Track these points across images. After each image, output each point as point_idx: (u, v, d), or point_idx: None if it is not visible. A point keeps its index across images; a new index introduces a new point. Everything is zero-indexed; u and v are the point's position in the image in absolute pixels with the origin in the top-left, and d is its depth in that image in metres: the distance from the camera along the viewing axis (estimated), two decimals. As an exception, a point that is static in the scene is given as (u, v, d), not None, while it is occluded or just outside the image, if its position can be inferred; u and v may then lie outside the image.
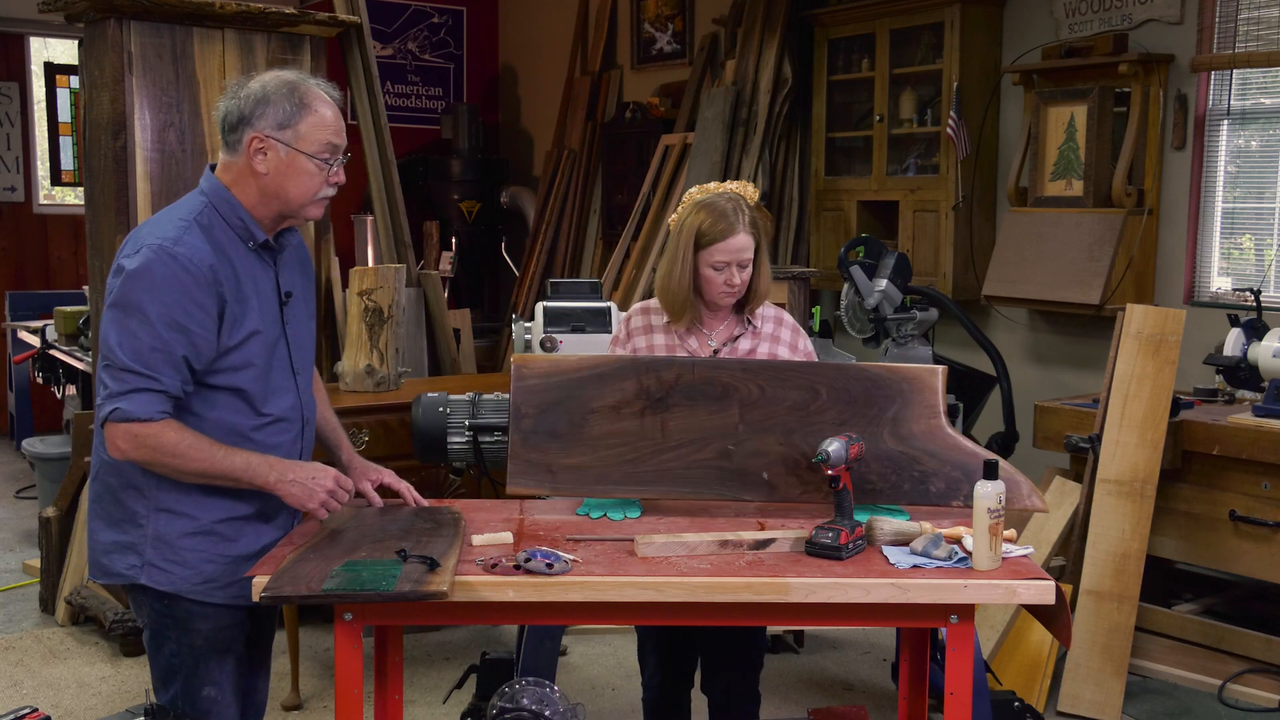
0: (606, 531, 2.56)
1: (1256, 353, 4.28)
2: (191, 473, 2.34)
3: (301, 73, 2.50)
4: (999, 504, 2.33)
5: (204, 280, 2.31)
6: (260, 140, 2.37)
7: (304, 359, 2.56)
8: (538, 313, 4.02)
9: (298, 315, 2.55)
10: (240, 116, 2.39)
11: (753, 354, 2.93)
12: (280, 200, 2.41)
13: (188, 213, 2.38)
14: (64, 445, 5.54)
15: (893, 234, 6.07)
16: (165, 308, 2.29)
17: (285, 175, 2.39)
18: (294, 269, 2.56)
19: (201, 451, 2.32)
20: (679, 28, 7.82)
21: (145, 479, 2.40)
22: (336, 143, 2.41)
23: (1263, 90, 5.02)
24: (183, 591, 2.42)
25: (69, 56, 8.16)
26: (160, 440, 2.30)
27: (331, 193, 2.46)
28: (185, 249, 2.31)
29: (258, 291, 2.43)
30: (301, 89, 2.40)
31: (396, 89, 8.99)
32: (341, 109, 2.50)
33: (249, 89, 2.41)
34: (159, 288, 2.29)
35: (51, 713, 3.75)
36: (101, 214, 4.34)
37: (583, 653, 4.41)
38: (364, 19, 5.15)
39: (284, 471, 2.39)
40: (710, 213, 2.83)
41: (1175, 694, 4.05)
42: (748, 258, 2.84)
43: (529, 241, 8.47)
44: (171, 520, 2.41)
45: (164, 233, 2.33)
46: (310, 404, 2.60)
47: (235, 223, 2.40)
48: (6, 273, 8.00)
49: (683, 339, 2.93)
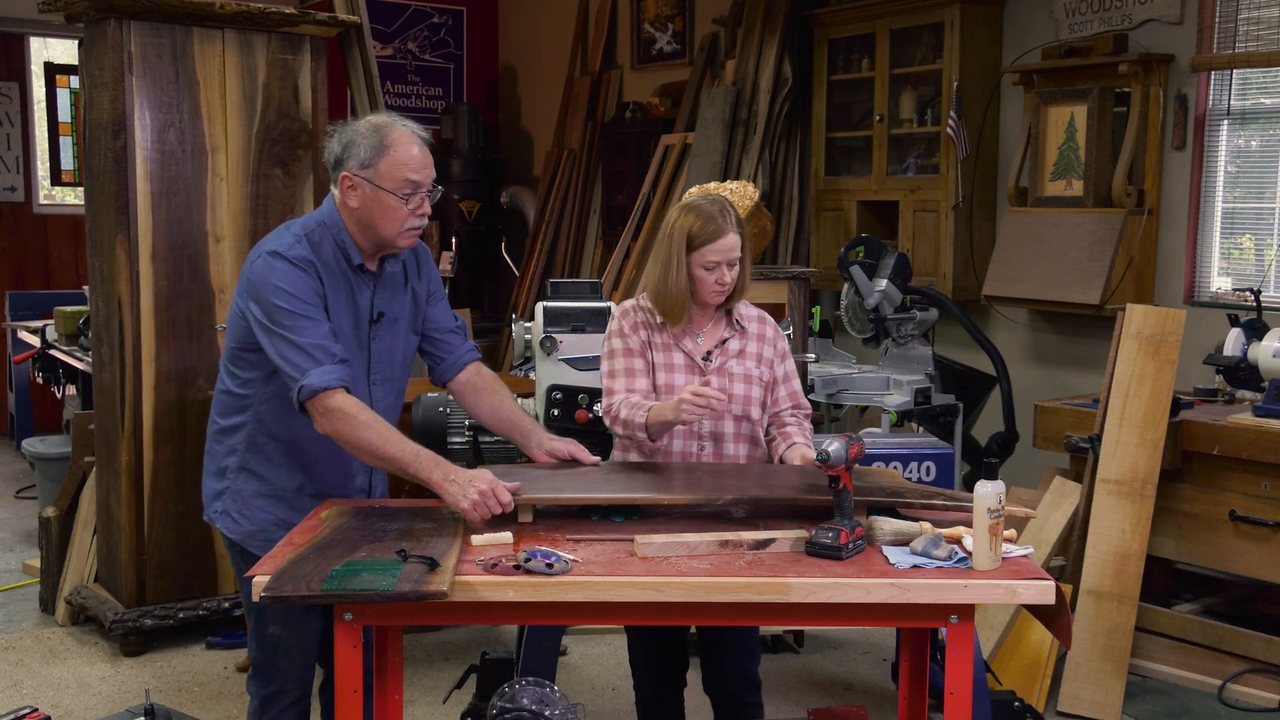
0: (606, 531, 2.56)
1: (1256, 353, 4.28)
2: (360, 444, 2.58)
3: (392, 115, 2.77)
4: (999, 504, 2.33)
5: (310, 271, 2.67)
6: (350, 179, 2.69)
7: (385, 372, 2.84)
8: (538, 313, 4.01)
9: (386, 334, 2.83)
10: (336, 158, 2.71)
11: (742, 354, 2.99)
12: (372, 231, 2.72)
13: (300, 229, 2.74)
14: (64, 445, 5.54)
15: (893, 234, 6.07)
16: (291, 293, 2.64)
17: (372, 209, 2.69)
18: (396, 292, 2.84)
19: (376, 430, 2.59)
20: (679, 28, 7.82)
21: (239, 442, 2.78)
22: (416, 179, 2.69)
23: (1263, 90, 5.02)
24: (245, 543, 2.78)
25: (69, 56, 8.16)
26: (344, 409, 2.58)
27: (418, 224, 2.73)
28: (292, 253, 2.67)
29: (347, 307, 2.74)
30: (384, 130, 2.68)
31: (396, 89, 8.99)
32: (429, 146, 2.78)
33: (342, 132, 2.72)
34: (280, 281, 2.64)
35: (51, 713, 3.75)
36: (101, 214, 4.34)
37: (583, 653, 4.41)
38: (364, 19, 5.15)
39: (448, 471, 2.57)
40: (698, 215, 2.91)
41: (1175, 694, 4.05)
42: (737, 256, 2.92)
43: (529, 241, 8.47)
44: (250, 480, 2.79)
45: (277, 242, 2.70)
46: (388, 415, 2.78)
47: (339, 244, 2.73)
48: (6, 273, 8.00)
49: (677, 340, 2.98)
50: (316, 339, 2.63)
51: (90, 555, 4.68)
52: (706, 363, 2.98)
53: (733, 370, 2.98)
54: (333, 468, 2.81)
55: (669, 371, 2.97)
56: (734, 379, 2.97)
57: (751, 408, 2.98)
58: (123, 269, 4.22)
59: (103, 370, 4.45)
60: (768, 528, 2.54)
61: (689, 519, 2.64)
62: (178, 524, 4.39)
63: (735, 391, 2.95)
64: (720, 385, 2.93)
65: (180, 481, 4.37)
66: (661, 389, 2.96)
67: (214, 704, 3.95)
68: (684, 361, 2.98)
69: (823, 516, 2.50)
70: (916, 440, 4.13)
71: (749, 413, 2.97)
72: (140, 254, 4.24)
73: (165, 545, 4.37)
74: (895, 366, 4.68)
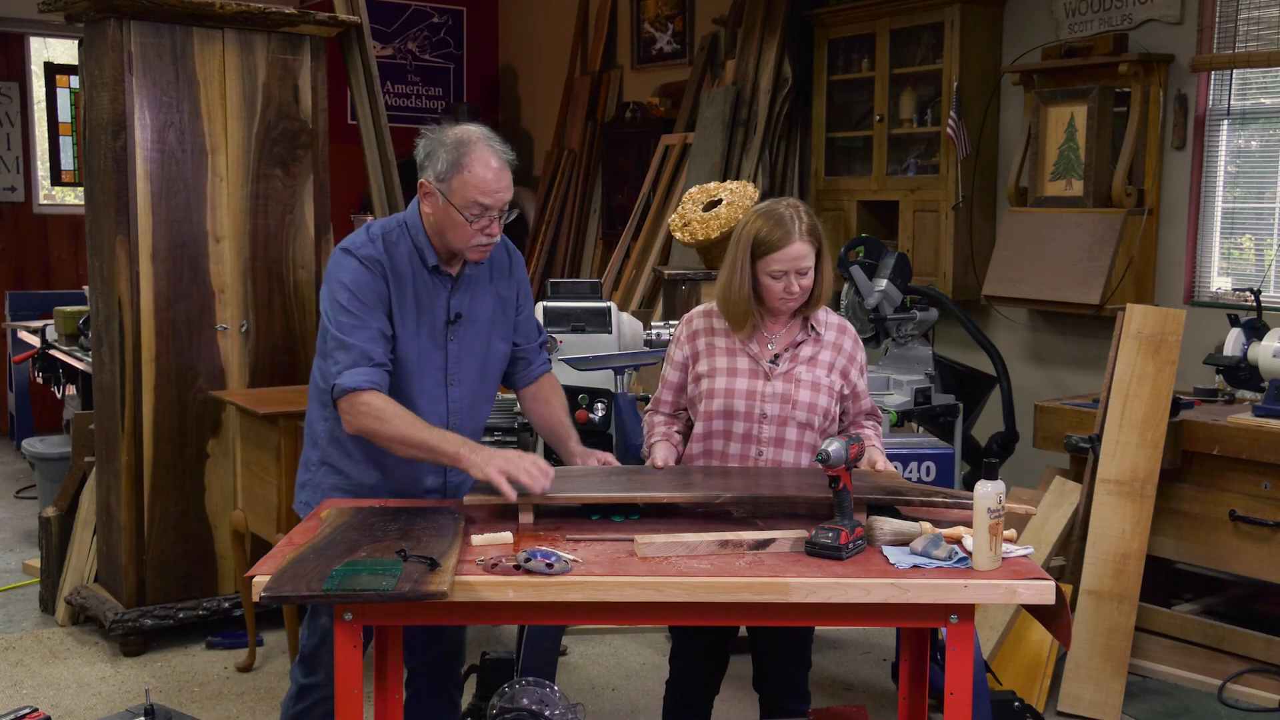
0: (606, 531, 2.56)
1: (1256, 353, 4.27)
2: (391, 436, 2.65)
3: (484, 129, 2.76)
4: (999, 504, 2.32)
5: (376, 271, 2.71)
6: (426, 187, 2.73)
7: (463, 374, 2.86)
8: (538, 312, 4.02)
9: (466, 335, 2.85)
10: (420, 162, 2.74)
11: (814, 361, 2.92)
12: (441, 239, 2.75)
13: (379, 229, 2.79)
14: (64, 445, 5.54)
15: (893, 234, 6.07)
16: (352, 291, 2.69)
17: (442, 220, 2.72)
18: (478, 294, 2.86)
19: (405, 420, 2.65)
20: (679, 28, 7.82)
21: (322, 435, 2.85)
22: (485, 203, 2.69)
23: (1263, 90, 5.02)
24: None
25: (69, 56, 8.16)
26: (370, 406, 2.64)
27: (487, 242, 2.75)
28: (361, 251, 2.73)
29: (423, 305, 2.77)
30: (465, 147, 2.68)
31: (396, 89, 8.99)
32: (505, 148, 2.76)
33: (429, 137, 2.73)
34: (345, 277, 2.70)
35: (51, 713, 3.75)
36: (101, 214, 4.34)
37: (583, 653, 4.41)
38: (364, 19, 5.15)
39: (473, 447, 2.65)
40: (767, 220, 2.84)
41: (1175, 694, 4.05)
42: (806, 265, 2.84)
43: (529, 241, 8.47)
44: (330, 474, 2.87)
45: (351, 240, 2.77)
46: (466, 418, 2.86)
47: (416, 245, 2.77)
48: (6, 273, 8.00)
49: (744, 344, 2.93)
50: (362, 341, 2.68)
51: (90, 555, 4.68)
52: (773, 366, 2.91)
53: (800, 376, 2.90)
54: (406, 468, 2.83)
55: (731, 376, 2.91)
56: (800, 385, 2.90)
57: (815, 416, 2.90)
58: (123, 269, 4.22)
59: (103, 370, 4.45)
60: (768, 528, 2.54)
61: (689, 519, 2.64)
62: (178, 524, 4.39)
63: (800, 398, 2.89)
64: (784, 390, 2.89)
65: (180, 481, 4.37)
66: (720, 393, 2.91)
67: (214, 704, 3.95)
68: (748, 366, 2.91)
69: (823, 516, 2.50)
70: (916, 440, 4.13)
71: (812, 421, 2.90)
72: (140, 254, 4.24)
73: (165, 545, 4.37)
74: (895, 366, 4.68)
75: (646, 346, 4.30)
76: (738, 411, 2.90)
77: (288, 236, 4.53)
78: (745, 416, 2.89)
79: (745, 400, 2.89)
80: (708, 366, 2.95)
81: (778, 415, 2.88)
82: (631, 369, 3.98)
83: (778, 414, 2.89)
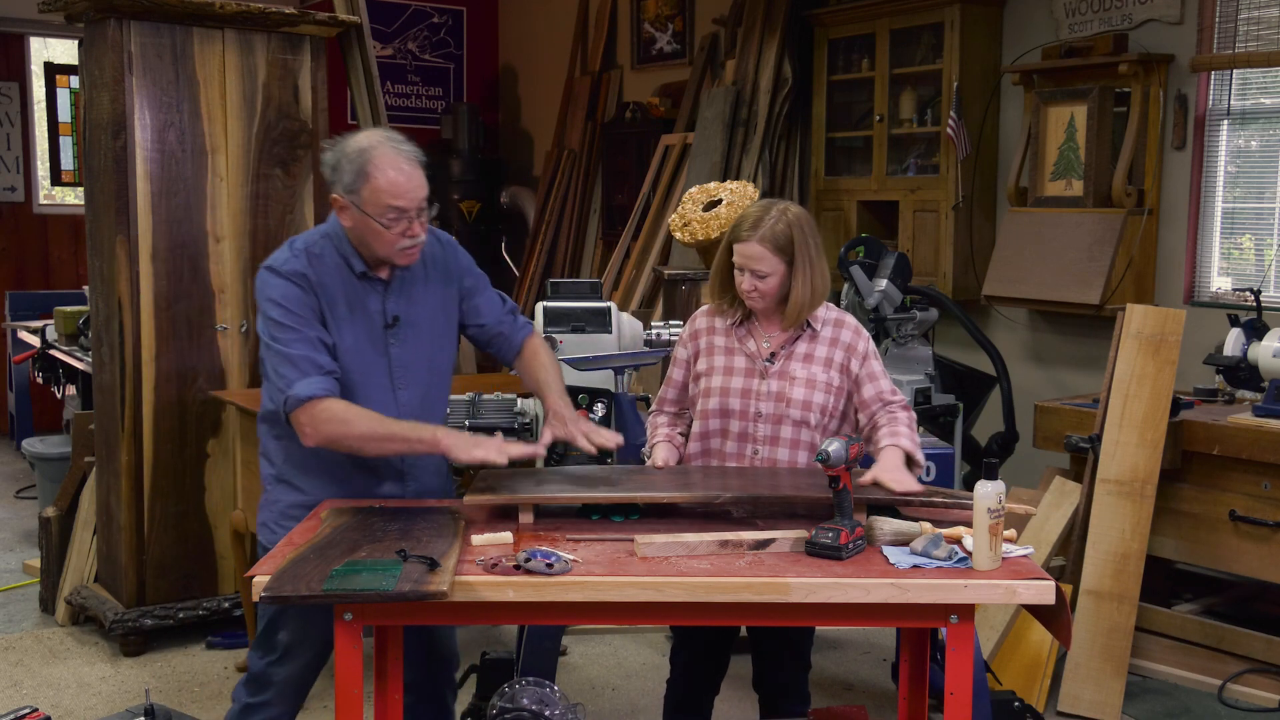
0: (606, 531, 2.56)
1: (1256, 353, 4.27)
2: (362, 436, 2.62)
3: (386, 133, 2.72)
4: (999, 504, 2.32)
5: (302, 285, 2.68)
6: (339, 201, 2.69)
7: (411, 376, 2.80)
8: (538, 313, 4.01)
9: (408, 337, 2.79)
10: (328, 177, 2.71)
11: (810, 358, 2.92)
12: (366, 248, 2.71)
13: (302, 243, 2.75)
14: (64, 445, 5.54)
15: (893, 234, 6.07)
16: (282, 306, 2.66)
17: (363, 230, 2.68)
18: (414, 294, 2.80)
19: (370, 418, 2.63)
20: (679, 28, 7.82)
21: (276, 450, 2.80)
22: (400, 205, 2.63)
23: (1263, 90, 5.02)
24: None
25: (69, 56, 8.16)
26: (331, 411, 2.60)
27: (411, 244, 2.69)
28: (285, 267, 2.69)
29: (357, 313, 2.73)
30: (368, 154, 2.63)
31: (396, 89, 8.99)
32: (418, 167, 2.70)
33: (333, 150, 2.69)
34: (272, 294, 2.67)
35: (51, 713, 3.75)
36: (101, 214, 4.34)
37: (583, 653, 4.41)
38: (364, 19, 5.15)
39: (448, 432, 2.66)
40: (750, 211, 2.90)
41: (1175, 694, 4.05)
42: (759, 269, 2.84)
43: (529, 241, 8.47)
44: (286, 490, 2.81)
45: (275, 258, 2.73)
46: (419, 419, 2.76)
47: (342, 254, 2.73)
48: (6, 273, 8.00)
49: (742, 341, 2.95)
50: (306, 351, 2.64)
51: (90, 555, 4.68)
52: (769, 365, 2.92)
53: (794, 374, 2.90)
54: (362, 478, 2.80)
55: (727, 375, 2.93)
56: (795, 383, 2.89)
57: (811, 414, 2.89)
58: (123, 269, 4.22)
59: (103, 370, 4.45)
60: (768, 528, 2.54)
61: (689, 519, 2.64)
62: (178, 524, 4.39)
63: (794, 396, 2.88)
64: (779, 388, 2.89)
65: (180, 481, 4.37)
66: (716, 391, 2.92)
67: (214, 704, 3.95)
68: (744, 365, 2.93)
69: (823, 516, 2.50)
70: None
71: (808, 419, 2.89)
72: (140, 254, 4.24)
73: (165, 545, 4.37)
74: (895, 366, 4.67)
75: (646, 346, 4.30)
76: (733, 410, 2.90)
77: (288, 236, 4.51)
78: (740, 415, 2.90)
79: (740, 399, 2.90)
80: (706, 365, 2.97)
81: (772, 414, 2.89)
82: (631, 369, 3.98)
83: (772, 412, 2.89)
